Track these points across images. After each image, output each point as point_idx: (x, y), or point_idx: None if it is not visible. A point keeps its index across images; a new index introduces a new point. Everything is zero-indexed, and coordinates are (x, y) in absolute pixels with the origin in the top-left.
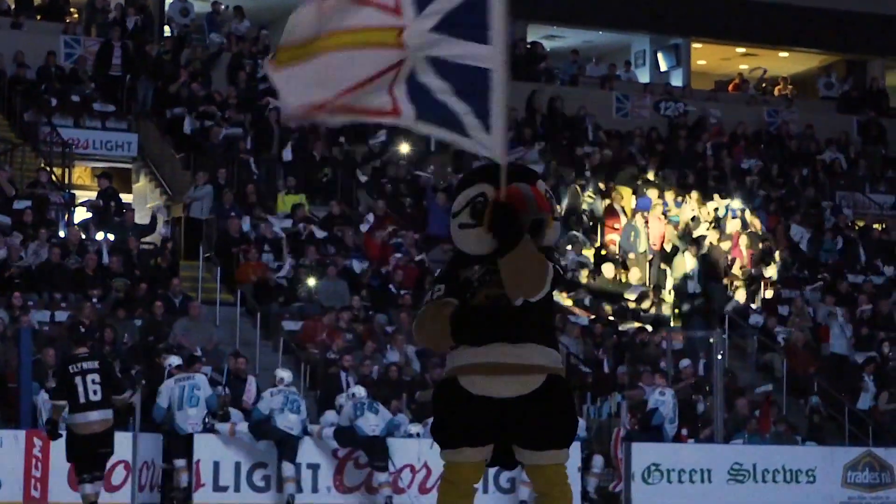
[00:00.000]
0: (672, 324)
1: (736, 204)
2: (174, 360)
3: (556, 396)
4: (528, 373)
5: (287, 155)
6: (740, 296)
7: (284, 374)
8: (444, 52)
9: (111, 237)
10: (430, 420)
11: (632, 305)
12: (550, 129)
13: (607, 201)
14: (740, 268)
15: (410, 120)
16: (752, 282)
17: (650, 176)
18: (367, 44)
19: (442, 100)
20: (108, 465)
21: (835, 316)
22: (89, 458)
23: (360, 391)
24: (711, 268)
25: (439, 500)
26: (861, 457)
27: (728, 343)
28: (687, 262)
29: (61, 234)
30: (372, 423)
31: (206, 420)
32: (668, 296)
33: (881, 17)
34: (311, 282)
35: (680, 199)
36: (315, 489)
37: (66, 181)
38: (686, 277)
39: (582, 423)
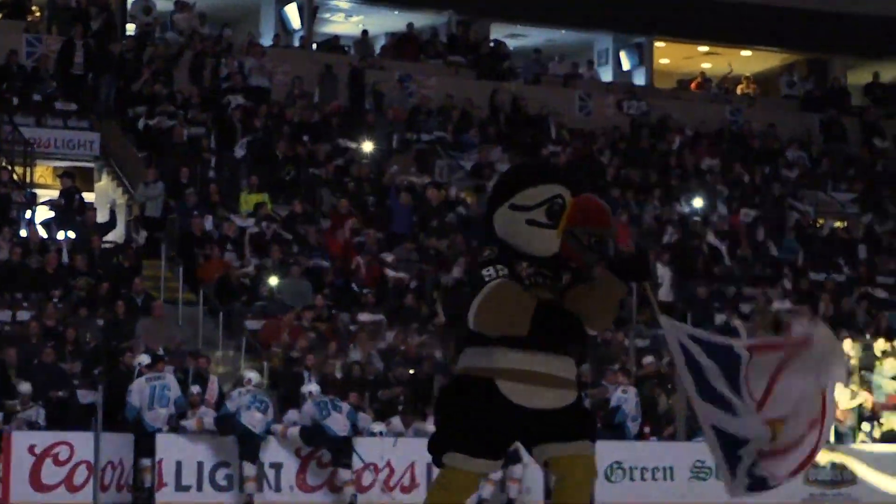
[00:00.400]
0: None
1: (698, 203)
2: (144, 359)
3: (583, 409)
4: (568, 388)
5: (240, 151)
6: (702, 293)
7: (252, 375)
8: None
9: (73, 236)
10: (436, 418)
11: None
12: (513, 128)
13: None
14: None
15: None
16: (716, 279)
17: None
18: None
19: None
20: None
21: (794, 313)
22: None
23: (316, 389)
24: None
25: None
26: (822, 454)
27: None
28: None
29: (23, 233)
30: (341, 424)
31: (171, 419)
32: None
33: (843, 16)
34: (274, 281)
35: (643, 198)
36: (278, 488)
37: (28, 180)
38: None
39: None
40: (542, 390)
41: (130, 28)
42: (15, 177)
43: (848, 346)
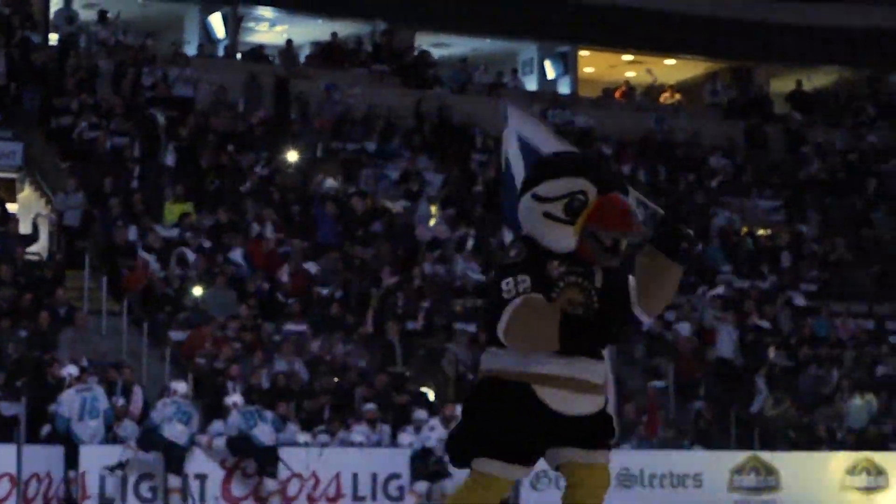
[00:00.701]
0: None
1: None
2: (72, 370)
3: (607, 416)
4: (600, 392)
5: (170, 160)
6: None
7: (179, 386)
8: None
9: None
10: (461, 420)
11: None
12: (439, 137)
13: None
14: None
15: None
16: None
17: None
18: None
19: None
20: None
21: (722, 320)
22: None
23: (240, 399)
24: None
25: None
26: (747, 461)
27: (615, 348)
28: None
29: None
30: (267, 434)
31: (100, 431)
32: None
33: (766, 25)
34: (199, 291)
35: None
36: (202, 499)
37: None
38: None
39: None
40: (580, 396)
41: (53, 38)
42: None
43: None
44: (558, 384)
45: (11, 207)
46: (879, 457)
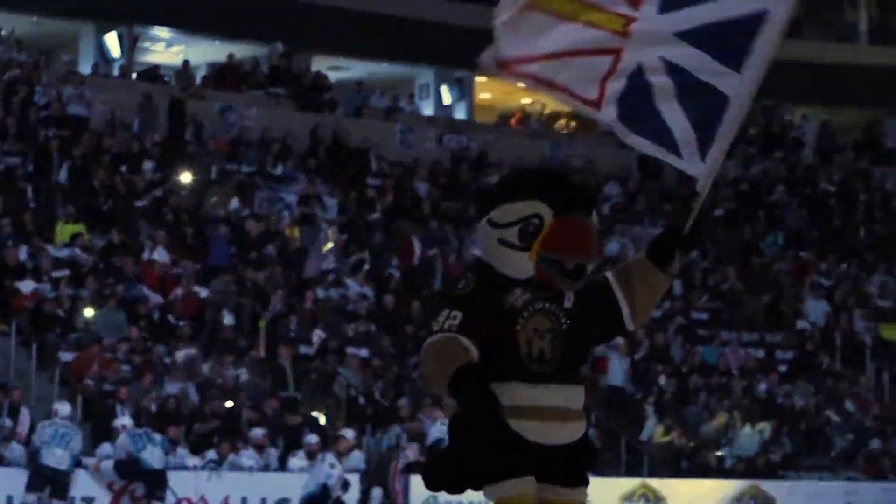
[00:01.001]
0: None
1: None
2: None
3: (590, 448)
4: (580, 419)
5: (63, 177)
6: None
7: (62, 408)
8: (685, 61)
9: None
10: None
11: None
12: (334, 161)
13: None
14: None
15: (610, 118)
16: None
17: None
18: (588, 22)
19: (659, 108)
20: None
21: (612, 348)
22: None
23: (129, 422)
24: None
25: None
26: (636, 488)
27: None
28: None
29: None
30: (156, 457)
31: None
32: None
33: None
34: (89, 312)
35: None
36: None
37: None
38: None
39: (361, 455)
40: (556, 425)
41: None
42: None
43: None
44: (532, 415)
45: None
46: (768, 485)
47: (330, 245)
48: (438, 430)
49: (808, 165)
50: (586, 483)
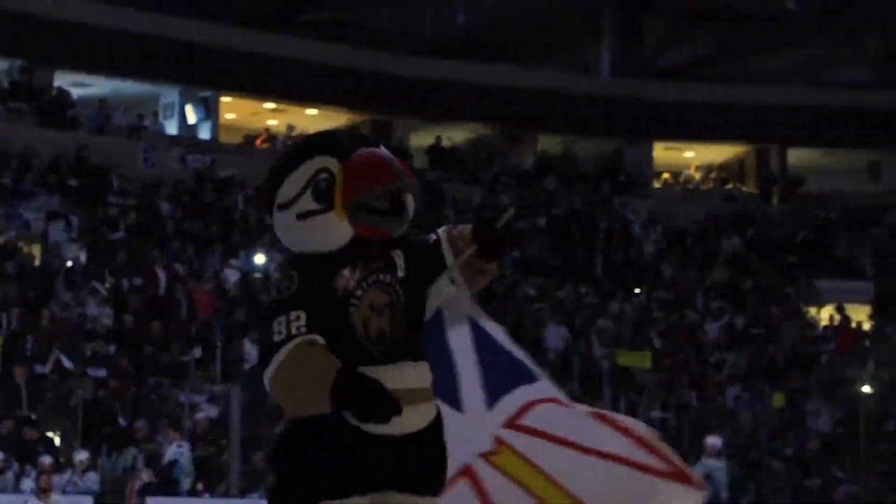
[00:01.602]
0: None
1: (260, 259)
2: None
3: (440, 430)
4: (428, 399)
5: None
6: None
7: None
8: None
9: None
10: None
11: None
12: (76, 178)
13: None
14: None
15: None
16: None
17: None
18: None
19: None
20: None
21: None
22: None
23: None
24: None
25: None
26: None
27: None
28: None
29: None
30: None
31: None
32: None
33: (405, 79)
34: None
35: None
36: None
37: None
38: None
39: (96, 476)
40: (410, 409)
41: None
42: None
43: None
44: None
45: None
46: None
47: (69, 263)
48: (174, 452)
49: (551, 192)
50: (439, 491)
